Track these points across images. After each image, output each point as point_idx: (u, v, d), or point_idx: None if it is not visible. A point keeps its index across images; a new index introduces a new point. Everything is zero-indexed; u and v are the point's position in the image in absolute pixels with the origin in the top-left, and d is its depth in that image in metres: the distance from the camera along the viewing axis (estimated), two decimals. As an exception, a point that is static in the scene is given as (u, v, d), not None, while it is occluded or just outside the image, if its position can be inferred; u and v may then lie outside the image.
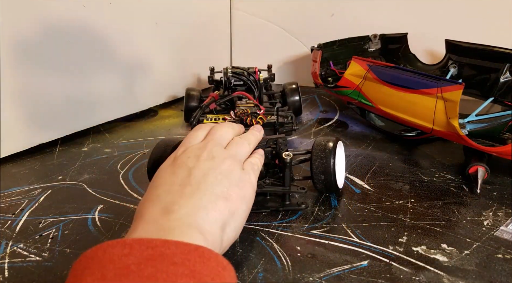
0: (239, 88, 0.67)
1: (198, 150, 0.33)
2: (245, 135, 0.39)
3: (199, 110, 0.60)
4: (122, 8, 0.68)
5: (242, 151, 0.36)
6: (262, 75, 0.68)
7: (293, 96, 0.69)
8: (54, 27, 0.58)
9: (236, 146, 0.36)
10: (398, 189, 0.46)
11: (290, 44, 0.97)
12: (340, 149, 0.43)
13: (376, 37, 0.81)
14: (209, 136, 0.36)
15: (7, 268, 0.34)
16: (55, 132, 0.62)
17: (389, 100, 0.56)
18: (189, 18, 0.85)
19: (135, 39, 0.72)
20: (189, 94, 0.69)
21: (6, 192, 0.48)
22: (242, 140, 0.37)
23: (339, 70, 0.77)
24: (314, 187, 0.43)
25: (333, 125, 0.69)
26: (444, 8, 0.80)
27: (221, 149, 0.34)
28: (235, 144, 0.36)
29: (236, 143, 0.36)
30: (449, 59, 0.71)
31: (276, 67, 1.01)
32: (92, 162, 0.56)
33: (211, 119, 0.58)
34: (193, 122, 0.58)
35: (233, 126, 0.39)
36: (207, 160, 0.32)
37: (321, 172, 0.41)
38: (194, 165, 0.32)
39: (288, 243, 0.37)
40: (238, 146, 0.36)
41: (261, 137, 0.41)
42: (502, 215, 0.40)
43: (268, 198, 0.43)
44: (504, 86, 0.60)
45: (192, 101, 0.68)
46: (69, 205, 0.44)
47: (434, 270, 0.33)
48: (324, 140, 0.43)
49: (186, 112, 0.69)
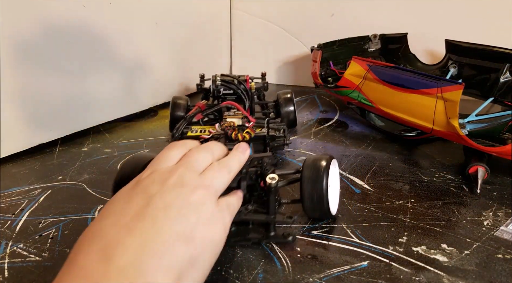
0: (228, 97, 0.62)
1: (166, 173, 0.28)
2: (226, 160, 0.32)
3: (183, 121, 0.55)
4: (122, 8, 0.68)
5: (220, 180, 0.30)
6: (254, 83, 0.63)
7: (288, 107, 0.63)
8: (54, 27, 0.58)
9: (213, 173, 0.30)
10: (398, 189, 0.46)
11: (290, 44, 0.97)
12: (334, 168, 0.39)
13: (376, 37, 0.81)
14: (184, 159, 0.30)
15: (7, 268, 0.34)
16: (55, 132, 0.62)
17: (389, 100, 0.56)
18: (189, 18, 0.85)
19: (135, 39, 0.72)
20: (175, 103, 0.63)
21: (6, 192, 0.48)
22: (221, 167, 0.31)
23: (339, 70, 0.77)
24: (304, 212, 0.39)
25: (333, 125, 0.69)
26: (444, 8, 0.79)
27: (194, 175, 0.29)
28: (213, 171, 0.30)
29: (214, 170, 0.30)
30: (449, 59, 0.71)
31: (276, 67, 1.01)
32: (92, 162, 0.56)
33: (196, 131, 0.53)
34: (175, 134, 0.52)
35: (214, 150, 0.33)
36: (174, 187, 0.27)
37: (312, 197, 0.36)
38: (156, 192, 0.26)
39: (288, 244, 0.37)
40: (216, 173, 0.30)
41: (245, 161, 0.35)
42: (502, 215, 0.40)
43: (250, 227, 0.37)
44: (504, 86, 0.60)
45: (178, 110, 0.63)
46: (69, 205, 0.44)
47: (434, 270, 0.33)
48: (316, 159, 0.38)
49: (172, 122, 0.62)
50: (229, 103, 0.57)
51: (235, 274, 0.33)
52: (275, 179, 0.34)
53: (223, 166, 0.31)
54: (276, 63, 1.01)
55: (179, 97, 0.65)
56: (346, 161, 0.54)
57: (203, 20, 0.91)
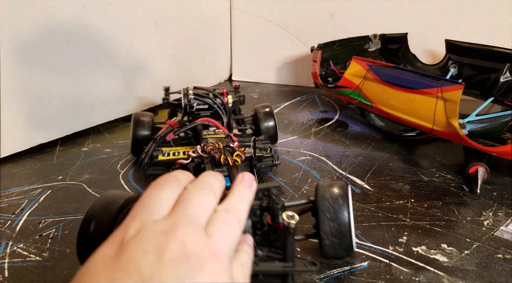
0: (203, 113, 0.55)
1: (161, 235, 0.20)
2: (233, 204, 0.25)
3: (153, 143, 0.47)
4: (122, 8, 0.68)
5: (231, 239, 0.23)
6: (231, 97, 0.56)
7: (268, 122, 0.57)
8: (54, 27, 0.58)
9: (223, 229, 0.22)
10: (398, 189, 0.46)
11: (290, 44, 0.97)
12: (349, 195, 0.33)
13: (376, 37, 0.81)
14: (180, 205, 0.23)
15: (7, 268, 0.34)
16: (55, 133, 0.62)
17: (389, 100, 0.56)
18: (189, 18, 0.85)
19: (135, 39, 0.72)
20: (138, 121, 0.54)
21: (6, 192, 0.48)
22: (230, 217, 0.24)
23: (339, 70, 0.77)
24: (321, 251, 0.32)
25: (333, 125, 0.69)
26: (444, 8, 0.79)
27: (199, 235, 0.21)
28: (221, 225, 0.23)
29: (222, 223, 0.23)
30: (449, 59, 0.71)
31: (276, 67, 1.01)
32: (92, 162, 0.56)
33: (168, 154, 0.46)
34: (144, 160, 0.44)
35: (215, 186, 0.25)
36: (176, 263, 0.19)
37: (332, 233, 0.31)
38: (152, 272, 0.19)
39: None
40: (226, 229, 0.23)
41: (253, 198, 0.27)
42: (502, 215, 0.40)
43: (261, 278, 0.29)
44: (504, 86, 0.60)
45: (142, 129, 0.54)
46: (69, 205, 0.44)
47: (434, 271, 0.33)
48: (332, 188, 0.32)
49: (134, 144, 0.54)
50: (206, 120, 0.50)
51: (235, 274, 0.33)
52: (294, 217, 0.27)
53: (232, 213, 0.24)
54: (276, 63, 1.01)
55: (141, 113, 0.56)
56: (346, 161, 0.54)
57: (203, 20, 0.91)
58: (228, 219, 0.23)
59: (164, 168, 0.45)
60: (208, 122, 0.50)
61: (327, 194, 0.32)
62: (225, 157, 0.39)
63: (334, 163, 0.54)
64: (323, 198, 0.32)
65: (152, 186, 0.24)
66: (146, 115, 0.56)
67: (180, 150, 0.46)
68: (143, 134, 0.53)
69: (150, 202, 0.23)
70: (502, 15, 0.75)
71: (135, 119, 0.55)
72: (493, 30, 0.75)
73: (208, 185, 0.25)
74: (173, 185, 0.25)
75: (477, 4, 0.77)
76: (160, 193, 0.24)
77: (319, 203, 0.32)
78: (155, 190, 0.24)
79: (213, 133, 0.48)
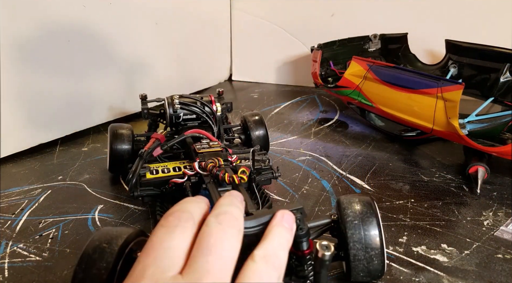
0: (190, 123, 0.50)
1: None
2: (273, 251, 0.21)
3: (139, 160, 0.41)
4: (122, 8, 0.68)
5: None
6: (219, 105, 0.51)
7: (258, 130, 0.53)
8: (54, 27, 0.58)
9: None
10: (398, 189, 0.46)
11: (290, 44, 0.97)
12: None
13: (376, 37, 0.81)
14: (199, 258, 0.19)
15: (7, 268, 0.34)
16: (55, 132, 0.62)
17: (389, 100, 0.56)
18: (189, 18, 0.85)
19: (135, 39, 0.72)
20: (115, 134, 0.49)
21: (6, 192, 0.48)
22: (270, 272, 0.19)
23: (339, 70, 0.77)
24: (349, 276, 0.30)
25: (333, 125, 0.69)
26: (444, 8, 0.79)
27: None
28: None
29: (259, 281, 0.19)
30: (449, 59, 0.71)
31: (276, 67, 1.01)
32: (92, 162, 0.56)
33: (156, 171, 0.40)
34: (132, 181, 0.39)
35: (240, 222, 0.21)
36: None
37: (364, 257, 0.28)
38: None
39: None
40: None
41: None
42: (502, 215, 0.40)
43: None
44: (504, 86, 0.60)
45: (121, 143, 0.48)
46: (69, 205, 0.44)
47: (434, 271, 0.33)
48: (358, 205, 0.30)
49: (114, 162, 0.49)
50: (197, 132, 0.46)
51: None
52: (330, 248, 0.24)
53: (271, 264, 0.19)
54: (276, 63, 1.01)
55: (119, 125, 0.51)
56: (346, 161, 0.54)
57: (203, 20, 0.91)
58: (268, 274, 0.19)
59: (153, 188, 0.40)
60: (199, 134, 0.46)
61: (353, 212, 0.29)
62: (229, 175, 0.35)
63: (334, 163, 0.54)
64: (347, 216, 0.29)
65: (160, 226, 0.20)
66: (125, 127, 0.50)
67: (169, 166, 0.41)
68: (122, 149, 0.48)
69: (161, 252, 0.19)
70: (502, 15, 0.75)
71: (113, 133, 0.49)
72: (493, 30, 0.75)
73: (230, 219, 0.20)
74: (186, 224, 0.20)
75: (477, 4, 0.77)
76: (171, 237, 0.20)
77: (346, 222, 0.29)
78: (165, 234, 0.20)
79: (207, 146, 0.43)
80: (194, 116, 0.50)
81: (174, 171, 0.40)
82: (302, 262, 0.26)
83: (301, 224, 0.26)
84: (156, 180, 0.39)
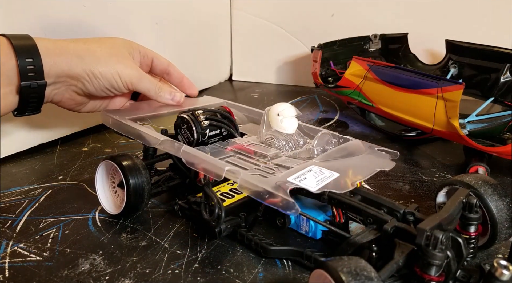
0: (212, 140, 0.44)
1: None
2: None
3: (208, 189, 0.34)
4: (122, 8, 0.68)
5: None
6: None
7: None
8: (54, 27, 0.58)
9: None
10: (398, 189, 0.46)
11: (290, 44, 0.97)
12: None
13: (376, 37, 0.81)
14: None
15: (8, 268, 0.34)
16: (56, 132, 0.62)
17: (390, 100, 0.56)
18: (189, 18, 0.85)
19: (135, 39, 0.72)
20: (131, 169, 0.37)
21: (6, 192, 0.48)
22: None
23: (339, 70, 0.77)
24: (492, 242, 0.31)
25: (333, 125, 0.69)
26: (444, 8, 0.80)
27: None
28: None
29: None
30: (449, 59, 0.71)
31: (276, 67, 1.01)
32: (93, 161, 0.56)
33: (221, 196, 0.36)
34: (220, 219, 0.33)
35: None
36: None
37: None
38: None
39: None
40: None
41: None
42: (502, 215, 0.40)
43: None
44: (504, 86, 0.60)
45: (139, 179, 0.37)
46: (69, 205, 0.44)
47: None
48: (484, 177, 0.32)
49: (129, 207, 0.38)
50: (240, 148, 0.41)
51: (235, 273, 0.33)
52: (510, 269, 0.22)
53: None
54: (276, 63, 1.01)
55: (128, 156, 0.39)
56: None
57: (203, 20, 0.91)
58: None
59: (233, 216, 0.35)
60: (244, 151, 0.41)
61: (489, 185, 0.32)
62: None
63: (334, 163, 0.54)
64: (489, 188, 0.32)
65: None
66: (135, 159, 0.39)
67: (222, 189, 0.38)
68: (141, 187, 0.37)
69: None
70: (502, 15, 0.75)
71: (129, 168, 0.37)
72: (493, 30, 0.75)
73: None
74: None
75: (477, 4, 0.77)
76: None
77: (487, 196, 0.31)
78: None
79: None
80: (218, 131, 0.44)
81: (232, 192, 0.37)
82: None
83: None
84: (235, 206, 0.34)
